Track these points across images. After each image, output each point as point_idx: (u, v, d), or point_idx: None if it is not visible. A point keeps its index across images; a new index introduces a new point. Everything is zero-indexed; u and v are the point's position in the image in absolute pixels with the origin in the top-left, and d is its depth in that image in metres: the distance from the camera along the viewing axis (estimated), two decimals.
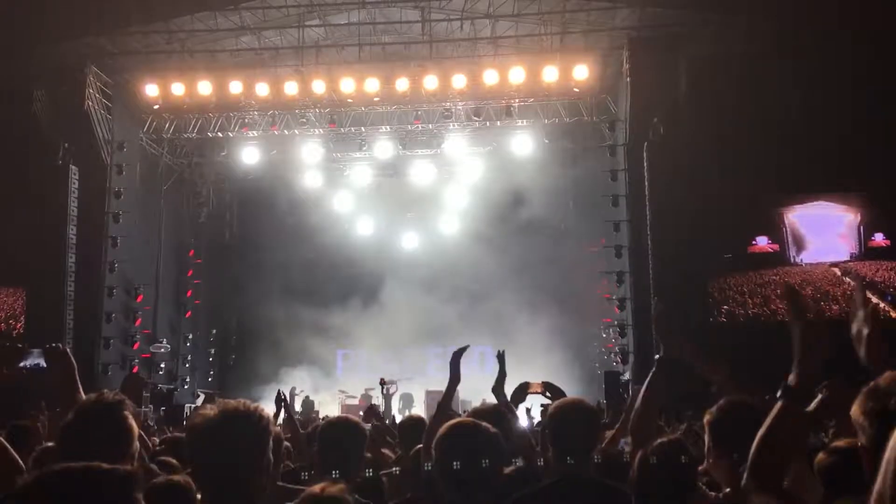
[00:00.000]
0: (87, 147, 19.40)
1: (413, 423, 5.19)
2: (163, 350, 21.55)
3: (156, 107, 20.22)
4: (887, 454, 1.51)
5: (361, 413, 17.65)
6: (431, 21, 19.89)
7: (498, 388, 4.50)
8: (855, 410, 1.97)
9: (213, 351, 25.36)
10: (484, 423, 2.97)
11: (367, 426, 4.60)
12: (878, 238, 22.02)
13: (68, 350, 3.24)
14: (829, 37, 17.21)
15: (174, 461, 4.08)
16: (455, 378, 4.28)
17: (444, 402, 4.23)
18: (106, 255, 19.56)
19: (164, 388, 20.57)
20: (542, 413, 8.46)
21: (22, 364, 17.08)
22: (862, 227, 22.15)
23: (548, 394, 4.65)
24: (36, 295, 19.88)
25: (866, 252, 22.20)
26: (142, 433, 3.13)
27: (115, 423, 2.66)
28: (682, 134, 17.87)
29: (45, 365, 3.31)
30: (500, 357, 4.70)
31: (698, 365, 3.44)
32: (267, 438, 2.47)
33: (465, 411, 4.97)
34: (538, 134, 21.36)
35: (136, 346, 20.49)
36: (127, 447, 2.67)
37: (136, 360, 20.37)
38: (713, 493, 3.14)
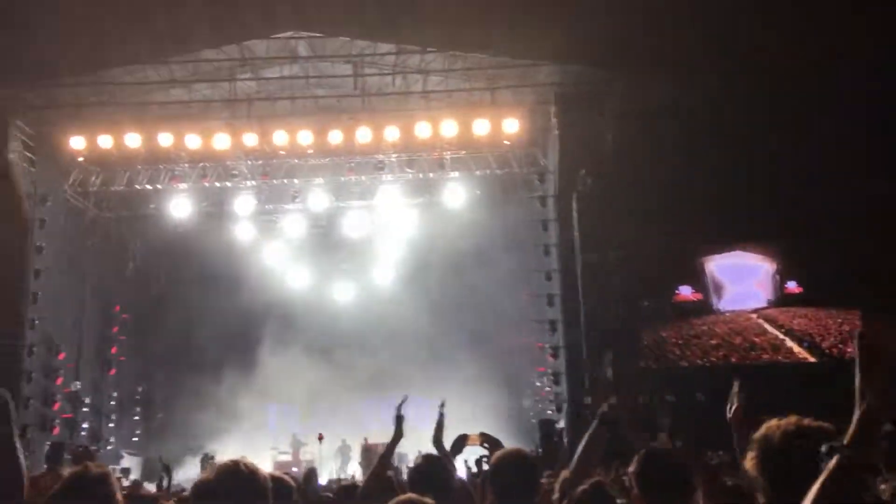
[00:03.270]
0: (9, 201, 18.80)
1: (348, 487, 5.17)
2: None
3: (80, 159, 19.78)
4: None
5: (295, 469, 17.34)
6: (364, 75, 20.21)
7: (437, 439, 4.54)
8: (753, 468, 2.07)
9: (138, 409, 24.48)
10: (426, 500, 3.01)
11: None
12: (792, 286, 23.13)
13: (7, 395, 3.16)
14: (741, 93, 18.19)
15: None
16: (398, 434, 4.33)
17: (385, 456, 4.27)
18: (26, 312, 18.84)
19: (85, 448, 19.70)
20: (478, 463, 8.49)
21: None
22: (777, 275, 23.25)
23: (486, 444, 4.72)
24: None
25: (782, 298, 23.25)
26: None
27: (104, 497, 2.75)
28: (609, 185, 18.47)
29: None
30: (441, 407, 4.73)
31: (631, 423, 3.59)
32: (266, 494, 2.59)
33: (398, 466, 4.99)
34: (470, 185, 21.69)
35: (56, 407, 19.65)
36: None
37: (57, 421, 19.51)
38: None
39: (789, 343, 21.78)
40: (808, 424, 2.23)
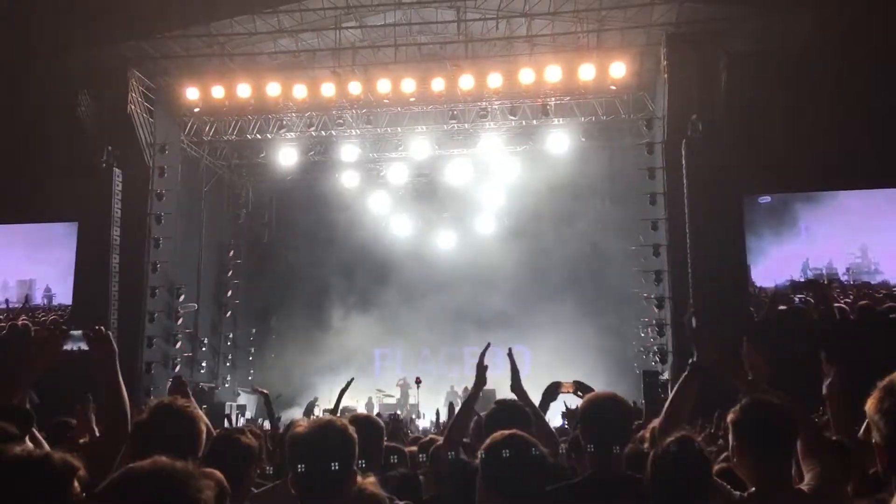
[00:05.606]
0: (131, 150, 19.79)
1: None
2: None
3: (196, 109, 20.52)
4: None
5: (399, 412, 17.87)
6: (467, 21, 19.92)
7: (516, 386, 4.50)
8: (870, 407, 1.98)
9: (252, 350, 25.71)
10: (531, 438, 3.02)
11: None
12: None
13: (110, 334, 3.33)
14: (865, 33, 16.79)
15: None
16: (480, 380, 4.32)
17: (469, 402, 4.29)
18: (149, 256, 19.95)
19: (205, 386, 20.93)
20: (573, 413, 8.44)
21: (66, 347, 17.41)
22: None
23: (579, 393, 4.66)
24: (81, 296, 20.29)
25: None
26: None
27: (188, 425, 2.90)
28: (722, 131, 17.61)
29: (86, 348, 3.40)
30: (509, 355, 4.65)
31: (731, 373, 3.42)
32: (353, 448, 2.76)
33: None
34: (575, 132, 21.26)
35: (177, 346, 20.88)
36: (196, 448, 2.90)
37: (179, 359, 20.75)
38: (737, 493, 3.11)
39: None
40: None
